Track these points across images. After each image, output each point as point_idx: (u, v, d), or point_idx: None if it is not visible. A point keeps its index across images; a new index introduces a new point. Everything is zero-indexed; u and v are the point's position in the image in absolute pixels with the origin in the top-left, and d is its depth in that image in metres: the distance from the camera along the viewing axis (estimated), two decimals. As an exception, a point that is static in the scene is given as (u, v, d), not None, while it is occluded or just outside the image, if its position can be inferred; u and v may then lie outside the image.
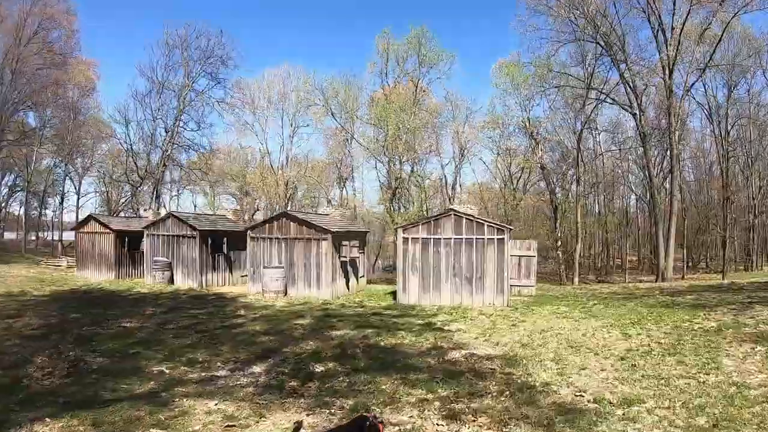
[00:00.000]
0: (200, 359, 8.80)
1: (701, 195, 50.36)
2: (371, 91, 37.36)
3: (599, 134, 41.85)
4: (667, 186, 40.45)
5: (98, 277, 22.64)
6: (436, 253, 15.24)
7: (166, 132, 33.47)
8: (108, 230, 22.67)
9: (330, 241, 16.95)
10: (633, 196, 48.34)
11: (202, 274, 19.93)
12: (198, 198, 54.38)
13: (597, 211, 45.93)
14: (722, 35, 33.34)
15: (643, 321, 11.59)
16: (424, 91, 35.88)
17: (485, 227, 14.73)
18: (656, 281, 30.27)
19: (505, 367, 8.24)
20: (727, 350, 8.71)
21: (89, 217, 24.56)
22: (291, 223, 17.67)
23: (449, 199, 42.70)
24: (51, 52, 34.70)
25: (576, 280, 32.75)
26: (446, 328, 11.91)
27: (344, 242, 17.28)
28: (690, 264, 44.54)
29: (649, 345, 9.29)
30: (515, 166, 40.83)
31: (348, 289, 18.19)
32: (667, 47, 32.23)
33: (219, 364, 8.53)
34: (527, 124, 34.68)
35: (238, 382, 7.45)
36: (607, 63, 34.69)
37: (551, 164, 37.63)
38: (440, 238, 15.16)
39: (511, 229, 15.52)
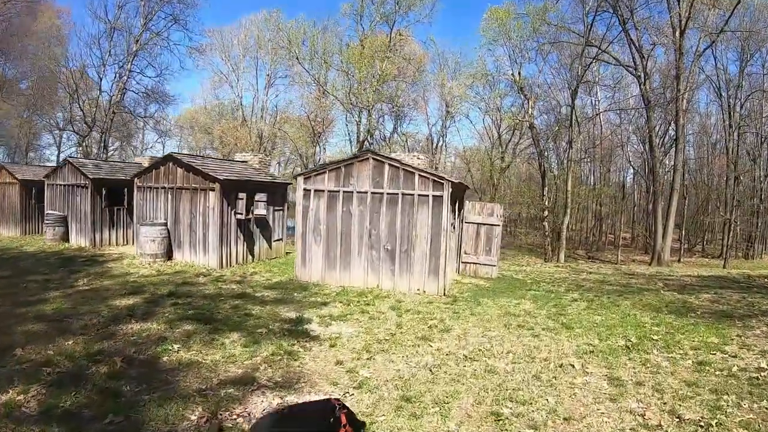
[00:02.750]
0: None
1: (702, 175, 43.98)
2: (349, 38, 30.95)
3: (599, 101, 35.32)
4: (668, 162, 34.32)
5: (6, 233, 17.75)
6: (346, 213, 9.86)
7: (119, 77, 27.83)
8: (14, 180, 17.49)
9: (218, 192, 11.61)
10: (631, 170, 42.10)
11: (95, 231, 14.77)
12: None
13: (591, 183, 39.84)
14: (740, -1, 26.54)
15: (645, 344, 6.26)
16: (400, 34, 29.38)
17: (416, 178, 9.26)
18: (651, 263, 24.86)
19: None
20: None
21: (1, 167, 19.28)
22: (177, 168, 12.33)
23: (436, 162, 36.99)
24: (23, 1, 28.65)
25: (562, 256, 27.25)
26: (315, 332, 6.73)
27: (241, 194, 11.97)
28: (686, 246, 38.65)
29: (660, 424, 3.95)
30: (505, 127, 34.77)
31: (252, 255, 12.96)
32: (679, 5, 25.71)
33: None
34: (517, 78, 28.46)
35: None
36: (609, 19, 28.07)
37: (543, 127, 31.48)
38: (352, 192, 9.75)
39: (459, 184, 10.02)
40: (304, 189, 10.25)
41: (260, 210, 12.59)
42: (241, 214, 12.10)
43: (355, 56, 26.73)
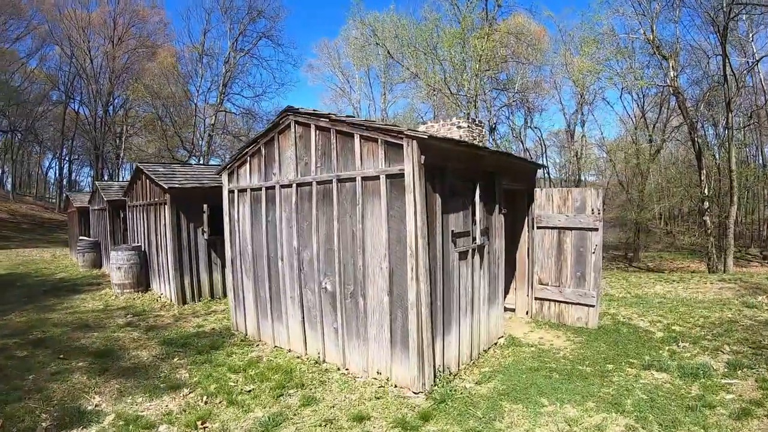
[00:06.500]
0: None
1: None
2: (449, 24, 25.66)
3: (758, 59, 22.93)
4: None
5: (74, 260, 16.90)
6: (271, 224, 5.31)
7: (218, 101, 27.54)
8: (73, 209, 16.85)
9: (170, 205, 8.06)
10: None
11: (114, 255, 12.64)
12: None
13: (761, 162, 27.49)
14: None
15: None
16: (499, 5, 22.95)
17: (356, 144, 4.21)
18: None
19: None
20: None
21: (67, 198, 19.02)
22: (147, 181, 9.19)
23: (576, 155, 29.63)
24: (145, 46, 30.86)
25: (730, 261, 18.02)
26: None
27: (206, 207, 8.28)
28: None
29: None
30: (649, 103, 25.80)
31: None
32: None
33: None
34: (650, 36, 19.99)
35: None
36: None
37: (695, 93, 21.91)
38: (275, 187, 5.16)
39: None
40: (229, 190, 6.00)
41: (242, 225, 8.72)
42: (207, 231, 8.40)
43: (451, 39, 21.67)
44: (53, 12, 25.53)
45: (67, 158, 34.22)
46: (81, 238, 13.73)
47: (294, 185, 4.84)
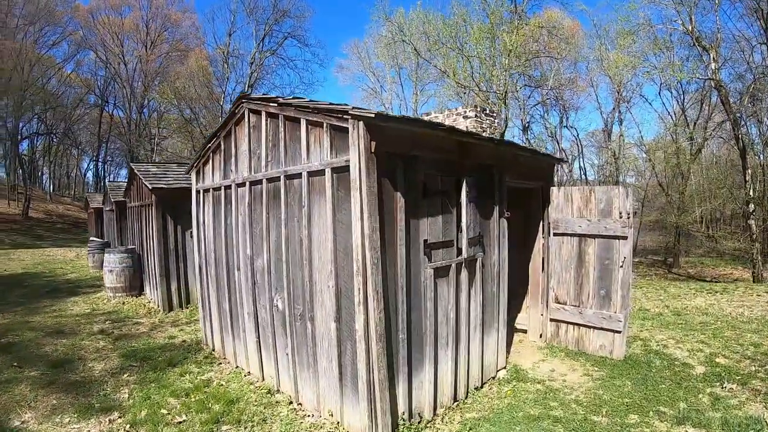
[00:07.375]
0: None
1: None
2: (478, 20, 24.31)
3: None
4: None
5: (92, 261, 16.95)
6: (229, 228, 4.64)
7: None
8: (91, 209, 16.99)
9: (155, 207, 7.60)
10: None
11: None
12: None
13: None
14: None
15: None
16: None
17: (302, 132, 3.41)
18: None
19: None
20: None
21: (86, 198, 19.42)
22: (140, 181, 8.82)
23: (613, 155, 27.92)
24: (177, 50, 31.38)
25: None
26: None
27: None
28: None
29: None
30: (689, 99, 23.79)
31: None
32: None
33: None
34: (689, 27, 18.06)
35: None
36: None
37: (738, 87, 19.66)
38: (231, 186, 4.48)
39: (372, 119, 3.77)
40: (196, 190, 5.40)
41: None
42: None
43: (479, 33, 20.53)
44: (87, 18, 26.44)
45: (102, 160, 35.50)
46: (92, 239, 13.77)
47: (247, 184, 4.13)
